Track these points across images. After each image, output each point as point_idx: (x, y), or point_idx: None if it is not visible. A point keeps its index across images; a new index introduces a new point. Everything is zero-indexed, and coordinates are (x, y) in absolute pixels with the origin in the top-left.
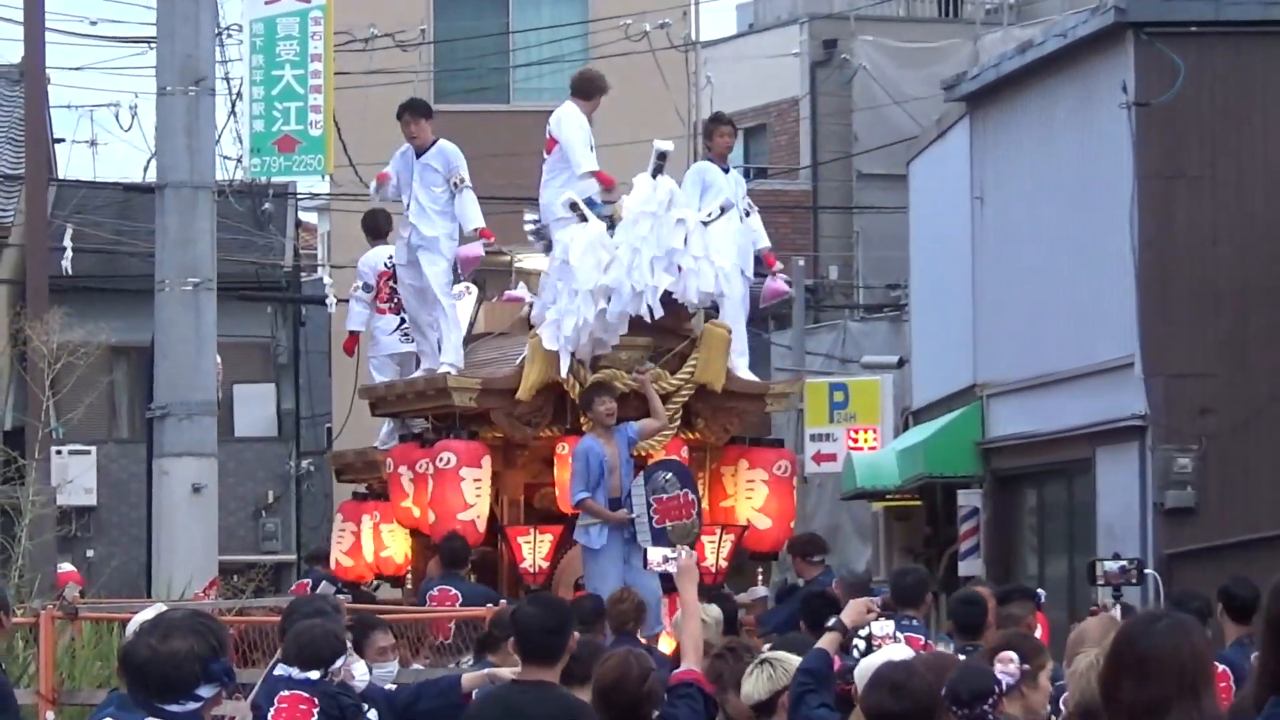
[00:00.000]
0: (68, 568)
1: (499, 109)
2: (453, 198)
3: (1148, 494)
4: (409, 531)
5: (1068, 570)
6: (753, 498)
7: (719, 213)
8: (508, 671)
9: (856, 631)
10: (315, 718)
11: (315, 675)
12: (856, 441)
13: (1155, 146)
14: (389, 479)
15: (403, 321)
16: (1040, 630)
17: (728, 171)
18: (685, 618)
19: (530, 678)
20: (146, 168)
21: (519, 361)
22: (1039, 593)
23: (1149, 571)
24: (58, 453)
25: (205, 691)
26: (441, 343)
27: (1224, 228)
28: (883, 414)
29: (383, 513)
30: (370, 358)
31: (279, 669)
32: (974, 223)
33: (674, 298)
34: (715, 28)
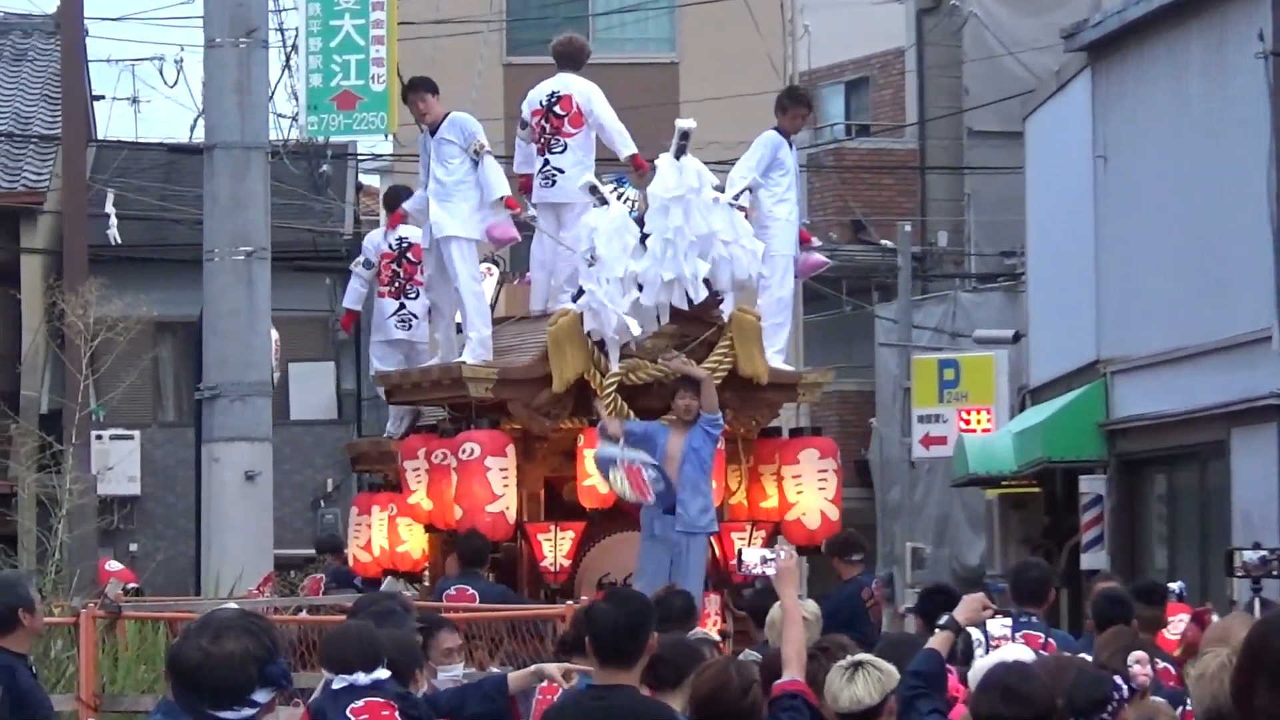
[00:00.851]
0: (116, 565)
1: None
2: (474, 168)
3: None
4: (424, 527)
5: (1199, 563)
6: (825, 488)
7: (747, 194)
8: (555, 668)
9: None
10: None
11: (383, 675)
12: (969, 423)
13: None
14: (398, 472)
15: (401, 306)
16: (1186, 625)
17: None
18: (786, 624)
19: (607, 681)
20: (194, 127)
21: (540, 351)
22: (1173, 586)
23: None
24: (98, 437)
25: (261, 696)
26: (464, 328)
27: None
28: (997, 393)
29: (397, 505)
30: (373, 343)
31: (336, 681)
32: (1096, 184)
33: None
34: None
